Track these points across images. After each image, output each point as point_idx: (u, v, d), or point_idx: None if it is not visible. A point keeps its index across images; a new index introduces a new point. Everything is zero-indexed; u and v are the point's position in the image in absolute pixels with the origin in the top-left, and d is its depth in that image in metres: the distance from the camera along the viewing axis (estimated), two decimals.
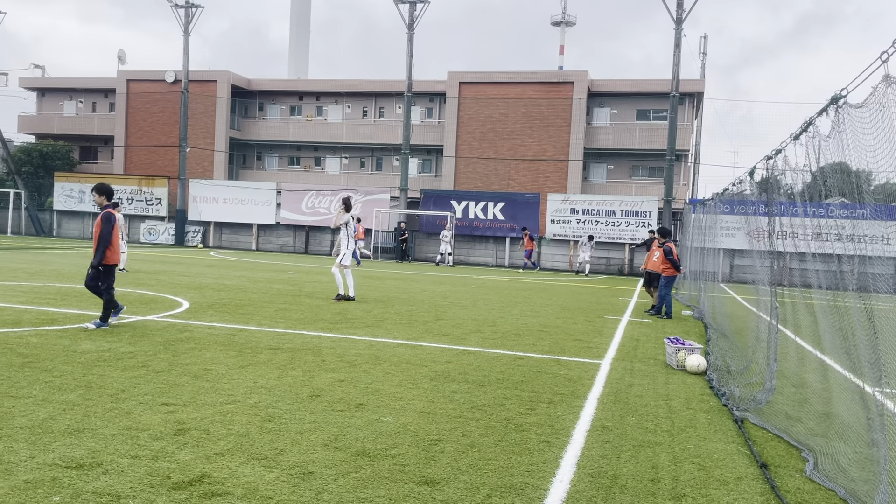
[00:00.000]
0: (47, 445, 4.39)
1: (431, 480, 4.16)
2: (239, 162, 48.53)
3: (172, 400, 5.63)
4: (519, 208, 32.21)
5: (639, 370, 8.04)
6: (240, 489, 3.87)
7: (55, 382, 6.00)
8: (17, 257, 20.81)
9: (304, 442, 4.75)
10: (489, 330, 10.64)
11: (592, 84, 40.61)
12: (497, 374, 7.37)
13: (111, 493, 3.70)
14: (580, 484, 4.26)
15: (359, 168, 47.28)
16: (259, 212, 35.74)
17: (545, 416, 5.79)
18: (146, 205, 37.58)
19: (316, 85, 47.50)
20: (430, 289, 17.55)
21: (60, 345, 7.65)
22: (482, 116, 41.18)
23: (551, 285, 21.33)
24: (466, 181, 41.18)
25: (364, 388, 6.42)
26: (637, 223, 30.51)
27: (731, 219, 20.18)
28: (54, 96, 50.82)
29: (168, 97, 45.67)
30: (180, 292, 13.57)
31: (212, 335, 8.82)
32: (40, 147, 45.92)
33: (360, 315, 11.56)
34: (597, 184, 42.03)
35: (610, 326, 11.92)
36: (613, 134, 41.14)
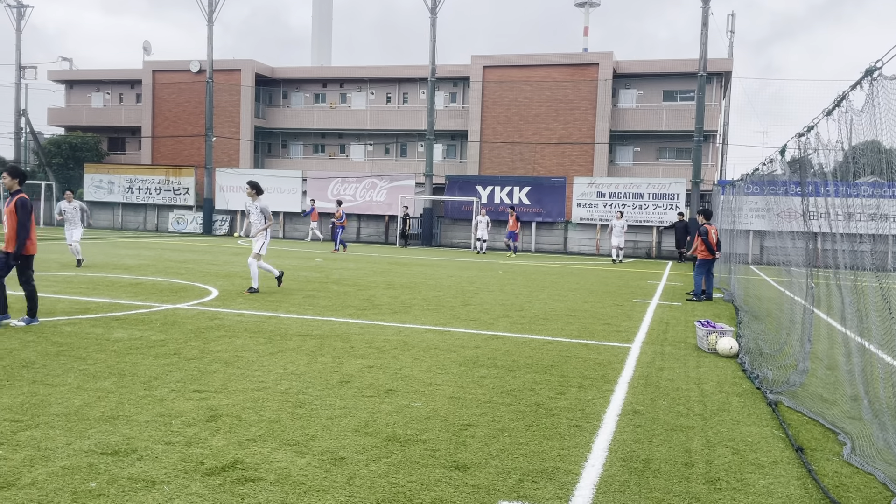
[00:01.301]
0: (83, 432, 4.46)
1: (462, 465, 4.16)
2: (264, 150, 48.83)
3: (204, 387, 5.69)
4: (545, 192, 32.00)
5: (669, 354, 7.96)
6: (272, 475, 3.90)
7: (89, 370, 6.09)
8: (48, 248, 21.18)
9: (335, 428, 4.77)
10: (517, 315, 10.60)
11: (618, 65, 40.08)
12: (526, 358, 7.34)
13: (146, 479, 3.75)
14: (612, 468, 4.22)
15: (383, 154, 47.31)
16: (285, 200, 35.95)
17: (575, 400, 5.75)
18: (174, 194, 38.00)
19: (339, 72, 47.52)
20: (456, 274, 17.53)
21: (94, 333, 7.77)
22: (506, 100, 40.89)
23: (578, 269, 21.20)
24: (491, 166, 41.00)
25: (393, 373, 6.43)
26: (665, 206, 30.15)
27: (760, 199, 19.84)
28: (82, 88, 51.49)
29: (193, 87, 46.02)
30: (209, 280, 13.71)
31: (241, 322, 8.89)
32: (70, 139, 46.62)
33: (388, 301, 11.58)
34: (623, 166, 41.60)
35: (639, 310, 11.81)
36: (640, 115, 40.63)
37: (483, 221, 28.74)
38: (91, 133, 48.61)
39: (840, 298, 5.78)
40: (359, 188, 35.19)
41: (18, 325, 8.08)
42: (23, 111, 42.15)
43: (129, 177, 38.77)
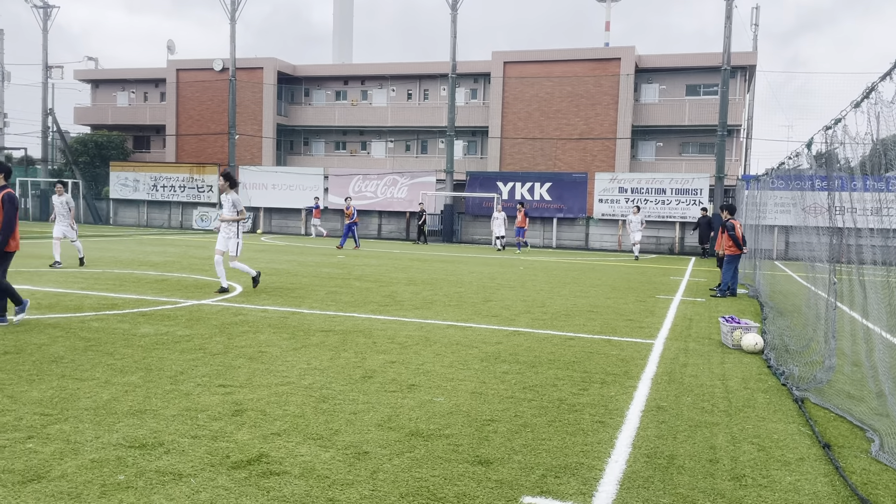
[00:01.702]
0: (111, 426, 4.53)
1: (485, 460, 4.16)
2: (286, 148, 49.14)
3: (229, 381, 5.75)
4: (566, 188, 31.87)
5: (693, 350, 7.90)
6: (297, 468, 3.93)
7: (117, 365, 6.18)
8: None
9: (359, 422, 4.80)
10: (539, 311, 10.58)
11: (640, 60, 39.76)
12: (548, 354, 7.33)
13: (173, 472, 3.80)
14: (636, 464, 4.20)
15: (404, 151, 47.39)
16: (307, 197, 36.16)
17: (598, 396, 5.73)
18: (198, 192, 38.39)
19: (360, 69, 47.65)
20: (477, 270, 17.53)
21: (120, 329, 7.88)
22: (527, 96, 40.75)
23: (600, 265, 21.09)
24: (512, 162, 40.90)
25: (415, 369, 6.46)
26: (688, 201, 29.88)
27: (785, 194, 19.59)
28: (108, 87, 52.16)
29: (216, 85, 46.42)
30: (233, 277, 13.83)
31: (265, 318, 8.97)
32: (95, 137, 47.28)
33: (409, 297, 11.62)
34: (646, 162, 41.28)
35: (662, 306, 11.73)
36: (662, 110, 40.28)
37: (500, 218, 28.40)
38: (116, 131, 49.24)
39: (863, 294, 5.69)
40: (380, 185, 35.30)
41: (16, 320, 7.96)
42: (50, 110, 42.81)
43: (153, 175, 39.24)
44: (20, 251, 14.83)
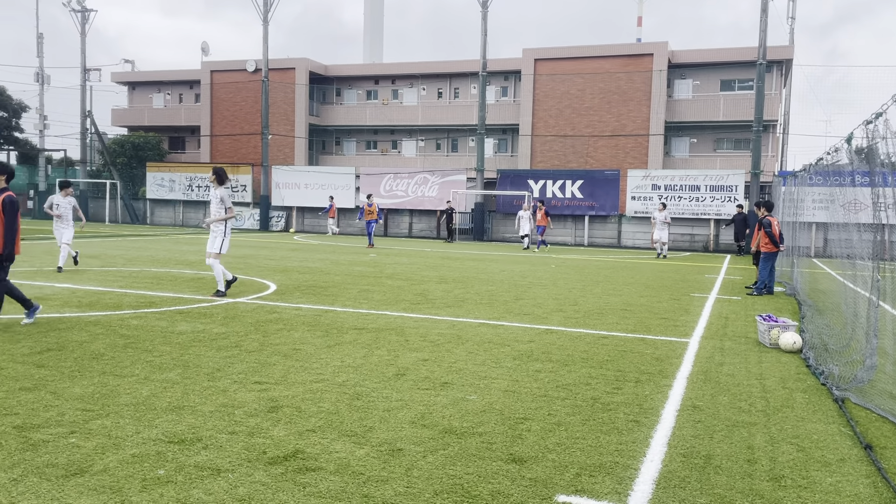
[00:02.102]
0: (151, 421, 4.62)
1: (519, 458, 4.16)
2: (318, 147, 49.54)
3: (265, 378, 5.83)
4: (598, 185, 31.63)
5: (729, 349, 7.78)
6: (332, 464, 3.97)
7: (155, 362, 6.30)
8: (115, 244, 21.98)
9: (392, 419, 4.83)
10: (571, 309, 10.52)
11: (673, 55, 39.26)
12: (581, 353, 7.28)
13: (211, 467, 3.87)
14: (672, 464, 4.16)
15: (434, 150, 47.45)
16: (339, 196, 36.43)
17: (632, 395, 5.68)
18: (232, 191, 38.93)
19: (391, 69, 47.83)
20: (508, 268, 17.49)
21: (158, 326, 8.03)
22: (558, 93, 40.52)
23: (633, 263, 20.89)
24: (543, 160, 40.70)
25: (448, 367, 6.47)
26: (723, 198, 29.44)
27: (824, 190, 19.18)
28: (144, 90, 53.10)
29: (249, 86, 46.97)
30: (267, 275, 14.00)
31: (299, 316, 9.07)
32: (132, 139, 48.16)
33: (441, 295, 11.64)
34: (679, 158, 40.77)
35: (697, 304, 11.58)
36: (696, 106, 39.73)
37: (525, 216, 27.57)
38: (152, 133, 50.12)
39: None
40: (410, 183, 35.42)
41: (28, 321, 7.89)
42: (88, 112, 43.74)
43: (188, 175, 39.87)
44: (35, 252, 15.12)
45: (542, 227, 26.89)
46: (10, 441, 4.17)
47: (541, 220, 26.83)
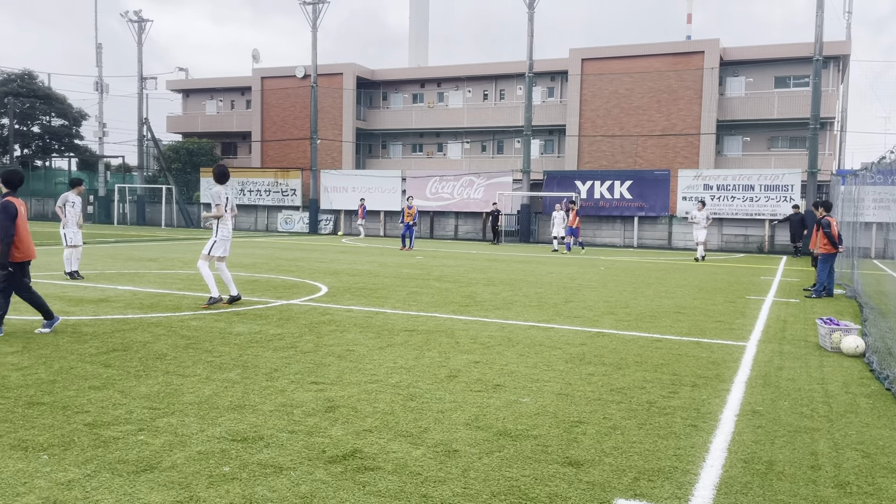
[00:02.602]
0: (214, 420, 4.76)
1: (576, 462, 4.15)
2: (365, 151, 50.06)
3: (321, 379, 5.94)
4: (647, 186, 31.19)
5: (789, 353, 7.60)
6: (390, 464, 4.03)
7: (216, 362, 6.48)
8: (171, 248, 22.60)
9: (447, 421, 4.87)
10: (622, 312, 10.41)
11: (725, 52, 38.49)
12: (634, 356, 7.21)
13: (274, 465, 3.96)
14: (733, 469, 4.09)
15: (480, 152, 47.47)
16: (385, 199, 36.74)
17: (689, 399, 5.60)
18: (282, 196, 39.61)
19: (436, 72, 48.05)
20: (556, 271, 17.39)
21: (217, 327, 8.24)
22: (606, 93, 40.10)
23: (685, 265, 20.54)
24: (591, 160, 40.33)
25: (499, 369, 6.48)
26: (778, 197, 28.71)
27: (885, 190, 18.54)
28: (197, 97, 54.48)
29: (298, 92, 47.76)
30: (318, 277, 14.22)
31: (350, 318, 9.19)
32: (187, 145, 49.45)
33: (489, 298, 11.65)
34: (732, 157, 39.94)
35: (753, 307, 11.33)
36: (749, 104, 38.86)
37: (559, 217, 26.44)
38: (206, 139, 51.39)
39: None
40: (456, 186, 35.49)
41: (43, 331, 7.74)
42: (145, 120, 45.07)
43: (240, 179, 40.73)
44: (98, 255, 15.68)
45: (573, 228, 26.06)
46: (82, 438, 4.34)
47: (571, 220, 26.00)
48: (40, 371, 6.00)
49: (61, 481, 3.68)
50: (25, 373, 5.93)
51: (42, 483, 3.66)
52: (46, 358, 6.50)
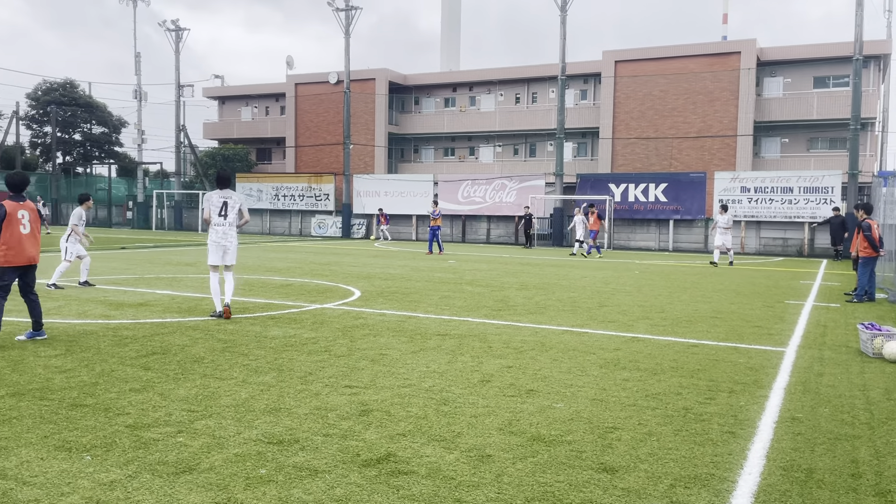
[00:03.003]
0: (250, 422, 4.83)
1: (610, 468, 4.12)
2: (397, 155, 50.32)
3: (354, 382, 5.98)
4: (683, 188, 30.80)
5: (829, 358, 7.44)
6: (423, 468, 4.04)
7: (251, 365, 6.57)
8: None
9: (480, 425, 4.87)
10: (658, 316, 10.30)
11: (762, 52, 37.87)
12: (670, 361, 7.13)
13: (309, 468, 4.01)
14: (771, 477, 4.02)
15: (512, 155, 47.38)
16: (417, 203, 36.85)
17: (726, 405, 5.52)
18: (315, 200, 39.99)
19: (468, 76, 48.10)
20: (590, 275, 17.27)
21: (253, 331, 8.36)
22: (640, 95, 39.74)
23: (722, 269, 20.23)
24: (624, 163, 39.98)
25: (532, 374, 6.46)
26: (818, 200, 28.12)
27: None
28: (233, 103, 55.32)
29: (331, 97, 48.21)
30: (351, 281, 14.33)
31: (383, 322, 9.25)
32: (222, 151, 50.27)
33: (522, 302, 11.61)
34: (769, 159, 39.26)
35: (792, 312, 11.12)
36: (787, 104, 38.18)
37: (579, 220, 26.13)
38: (241, 145, 52.16)
39: None
40: (488, 189, 35.45)
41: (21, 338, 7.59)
42: (182, 127, 45.91)
43: (275, 185, 41.24)
44: (137, 260, 15.97)
45: (594, 231, 25.56)
46: (123, 440, 4.44)
47: (593, 224, 25.38)
48: (83, 374, 6.15)
49: (104, 482, 3.77)
50: (69, 375, 6.09)
51: (85, 483, 3.75)
52: (88, 361, 6.66)
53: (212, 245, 9.50)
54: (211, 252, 9.51)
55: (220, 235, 9.47)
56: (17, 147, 51.57)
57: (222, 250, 9.50)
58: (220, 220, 9.44)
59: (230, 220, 9.49)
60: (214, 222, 9.43)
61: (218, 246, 9.48)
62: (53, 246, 19.77)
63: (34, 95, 55.49)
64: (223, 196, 9.49)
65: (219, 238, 9.46)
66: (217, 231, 9.47)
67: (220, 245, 9.47)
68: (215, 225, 9.44)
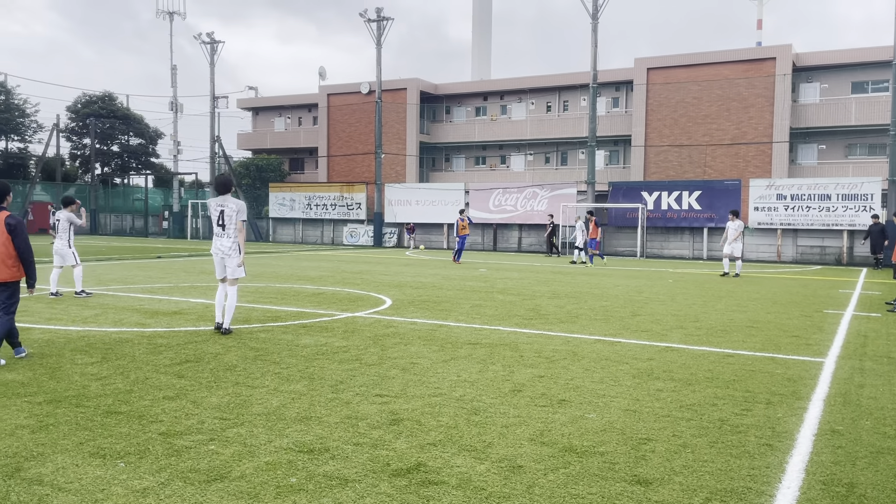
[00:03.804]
0: (281, 431, 4.85)
1: (644, 480, 4.04)
2: (428, 164, 50.48)
3: (385, 391, 5.98)
4: (717, 196, 30.36)
5: (870, 370, 7.24)
6: (454, 479, 4.01)
7: (283, 374, 6.61)
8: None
9: (511, 436, 4.82)
10: (692, 326, 10.13)
11: (797, 58, 37.25)
12: (705, 372, 7.00)
13: (339, 477, 4.00)
14: (811, 492, 3.91)
15: (543, 164, 47.22)
16: (449, 211, 36.88)
17: (763, 417, 5.39)
18: (347, 209, 40.28)
19: (499, 84, 48.13)
20: (622, 283, 17.08)
21: (284, 340, 8.42)
22: (673, 102, 39.34)
23: (757, 277, 19.86)
24: (657, 171, 39.58)
25: (564, 384, 6.39)
26: (857, 207, 27.50)
27: None
28: (266, 114, 56.08)
29: (363, 107, 48.61)
30: (383, 290, 14.37)
31: (414, 330, 9.24)
32: (256, 161, 50.93)
33: (554, 311, 11.52)
34: (806, 166, 38.54)
35: (831, 321, 10.86)
36: (824, 110, 37.45)
37: (578, 228, 25.64)
38: (274, 155, 52.81)
39: None
40: (519, 198, 35.34)
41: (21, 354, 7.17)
42: (217, 137, 46.65)
43: (307, 194, 41.63)
44: (173, 269, 16.20)
45: (594, 240, 24.86)
46: (156, 447, 4.49)
47: (592, 232, 24.79)
48: (118, 381, 6.24)
49: (137, 489, 3.81)
50: (104, 383, 6.18)
51: (119, 490, 3.79)
52: (123, 368, 6.76)
53: (214, 255, 8.95)
54: (215, 263, 8.99)
55: (217, 247, 8.84)
56: (58, 158, 52.91)
57: (222, 262, 8.85)
58: (219, 230, 8.79)
59: (228, 231, 8.76)
60: (215, 232, 8.86)
61: (216, 256, 8.88)
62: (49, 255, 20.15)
63: (74, 108, 56.92)
64: (220, 204, 8.78)
65: (216, 249, 8.86)
66: (215, 242, 8.89)
67: (217, 255, 8.86)
68: (215, 235, 8.88)
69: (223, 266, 8.88)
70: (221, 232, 8.79)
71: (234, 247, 8.77)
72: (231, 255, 8.75)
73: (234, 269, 8.80)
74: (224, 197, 8.84)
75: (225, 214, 8.74)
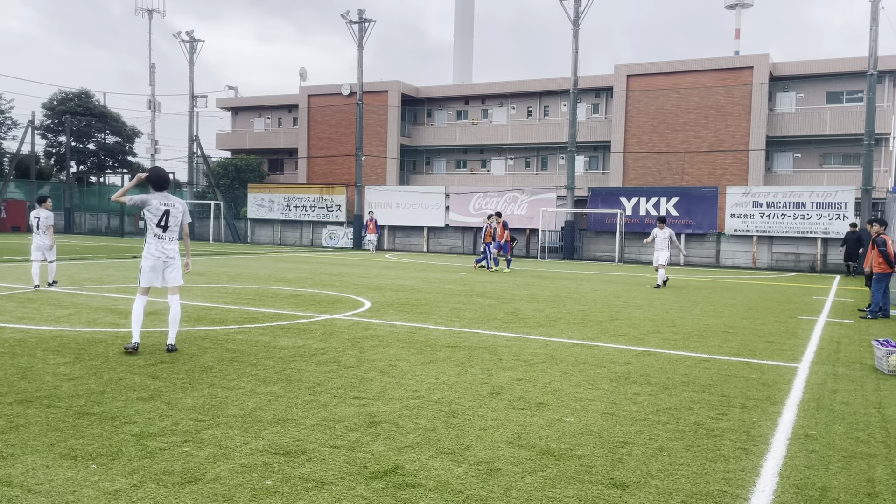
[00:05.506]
0: (257, 433, 4.80)
1: (621, 483, 4.05)
2: (409, 167, 50.44)
3: (363, 394, 5.94)
4: (694, 203, 30.67)
5: (843, 375, 7.34)
6: (431, 482, 3.99)
7: (260, 375, 6.55)
8: (219, 262, 23.03)
9: (489, 438, 4.82)
10: (669, 331, 10.21)
11: (774, 67, 37.79)
12: (681, 376, 7.05)
13: (315, 480, 3.97)
14: (785, 495, 3.95)
15: (524, 168, 47.39)
16: (429, 214, 36.87)
17: (739, 421, 5.44)
18: (327, 211, 40.10)
19: (481, 88, 48.26)
20: (601, 288, 17.18)
21: (262, 341, 8.34)
22: (652, 109, 39.70)
23: (733, 283, 20.08)
24: (636, 177, 39.90)
25: (542, 387, 6.40)
26: (831, 215, 27.92)
27: None
28: (246, 114, 55.71)
29: (344, 109, 48.45)
30: (362, 292, 14.31)
31: (393, 333, 9.21)
32: (235, 161, 50.53)
33: (533, 314, 11.55)
34: (782, 174, 39.07)
35: (805, 327, 11.00)
36: (800, 120, 38.02)
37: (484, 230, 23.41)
38: (253, 155, 52.43)
39: None
40: (500, 202, 35.42)
41: None
42: (195, 137, 46.21)
43: (287, 195, 41.38)
44: None
45: (503, 243, 22.72)
46: (129, 448, 4.42)
47: (500, 235, 22.51)
48: (91, 382, 6.15)
49: (108, 491, 3.75)
50: (77, 383, 6.08)
51: (90, 492, 3.73)
52: (97, 369, 6.66)
53: (147, 260, 7.68)
54: (144, 271, 7.70)
55: (159, 251, 7.70)
56: (32, 156, 52.09)
57: (161, 268, 7.75)
58: (159, 231, 7.69)
59: (172, 234, 7.80)
60: (153, 233, 7.70)
61: (157, 262, 7.70)
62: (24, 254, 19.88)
63: (49, 105, 56.09)
64: (165, 203, 7.72)
65: (157, 254, 7.69)
66: (155, 244, 7.71)
67: (158, 261, 7.71)
68: (154, 237, 7.70)
69: (161, 274, 7.77)
70: (163, 234, 7.70)
71: (177, 249, 7.89)
72: (176, 260, 7.83)
73: (178, 275, 7.87)
74: (165, 195, 7.80)
75: (171, 215, 7.74)
